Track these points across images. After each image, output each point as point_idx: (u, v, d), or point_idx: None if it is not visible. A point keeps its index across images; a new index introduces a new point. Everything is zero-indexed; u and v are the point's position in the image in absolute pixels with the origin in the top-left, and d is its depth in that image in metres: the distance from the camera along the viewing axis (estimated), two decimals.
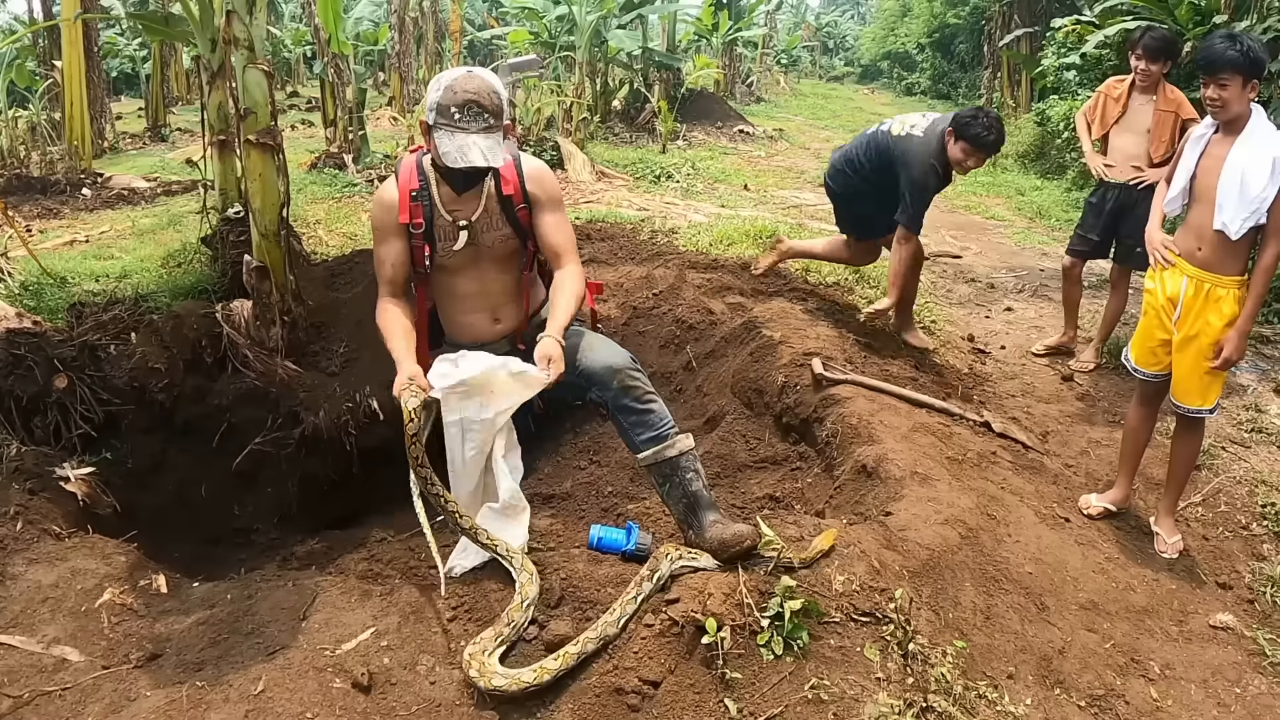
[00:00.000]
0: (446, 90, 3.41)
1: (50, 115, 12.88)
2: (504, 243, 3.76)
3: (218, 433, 5.55)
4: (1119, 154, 6.37)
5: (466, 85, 3.43)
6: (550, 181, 3.83)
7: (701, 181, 12.76)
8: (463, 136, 3.38)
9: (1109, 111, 6.40)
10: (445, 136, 3.39)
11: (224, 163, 6.63)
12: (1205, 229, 4.13)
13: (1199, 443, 4.59)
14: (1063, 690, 3.41)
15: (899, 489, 4.13)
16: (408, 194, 3.64)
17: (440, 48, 23.42)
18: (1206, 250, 4.15)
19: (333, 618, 3.34)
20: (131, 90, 26.01)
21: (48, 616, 3.46)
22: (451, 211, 3.67)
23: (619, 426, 3.58)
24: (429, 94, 3.49)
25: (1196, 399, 4.30)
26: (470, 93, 3.41)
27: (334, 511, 5.51)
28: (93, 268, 7.38)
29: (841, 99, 32.31)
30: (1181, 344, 4.28)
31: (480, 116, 3.41)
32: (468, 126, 3.40)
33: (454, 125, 3.40)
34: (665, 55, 18.54)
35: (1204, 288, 4.17)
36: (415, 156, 3.74)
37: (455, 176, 3.59)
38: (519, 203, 3.72)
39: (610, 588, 3.36)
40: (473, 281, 3.79)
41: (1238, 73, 3.96)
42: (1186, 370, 4.29)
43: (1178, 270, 4.27)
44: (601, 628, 3.09)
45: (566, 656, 3.02)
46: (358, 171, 11.86)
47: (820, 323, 6.07)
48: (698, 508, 3.47)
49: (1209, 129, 4.20)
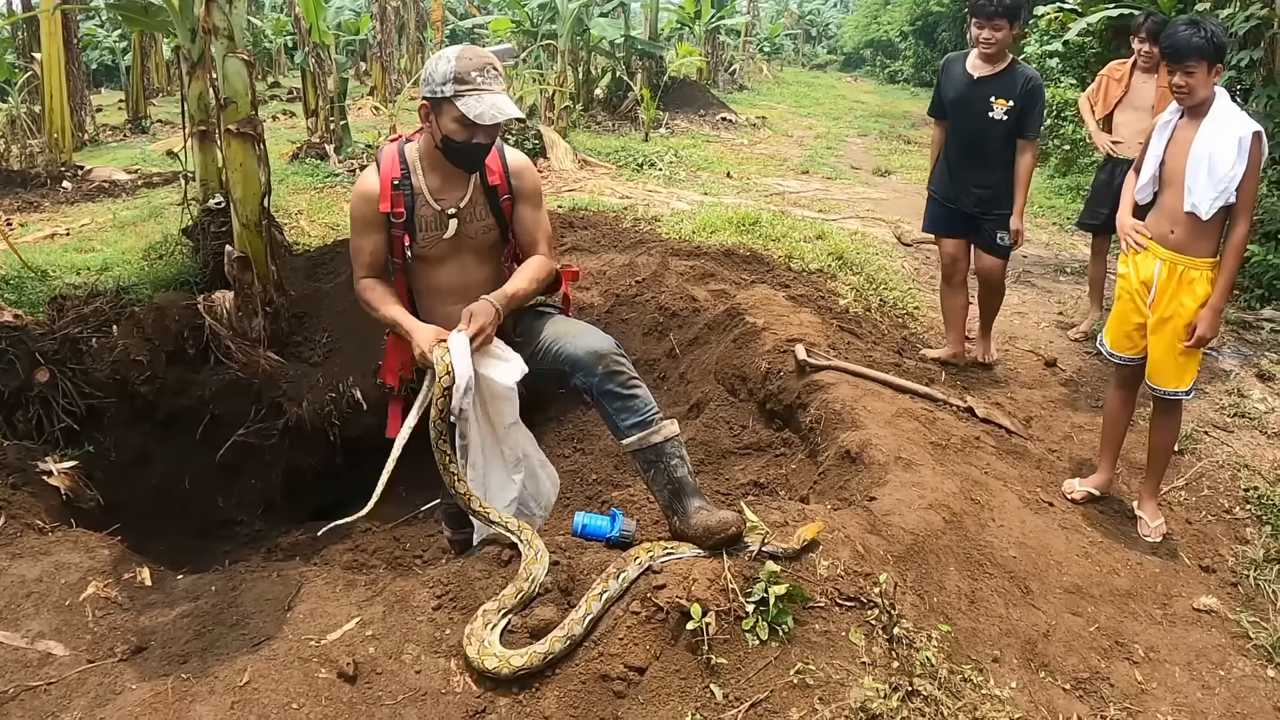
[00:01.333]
0: (460, 60, 3.39)
1: (30, 108, 12.78)
2: (486, 233, 3.73)
3: (201, 425, 5.54)
4: (1125, 130, 6.60)
5: (477, 54, 3.44)
6: (532, 175, 3.82)
7: (684, 169, 12.75)
8: (489, 96, 3.39)
9: (1111, 92, 6.63)
10: (472, 100, 3.37)
11: (205, 153, 6.61)
12: (1176, 212, 4.19)
13: (1177, 426, 4.62)
14: (1048, 673, 3.42)
15: (883, 474, 4.14)
16: (389, 183, 3.59)
17: (422, 37, 23.32)
18: (1179, 233, 4.20)
19: (318, 608, 3.33)
20: (111, 82, 25.83)
21: (31, 611, 3.44)
22: (438, 200, 3.64)
23: (603, 412, 3.56)
24: (437, 70, 3.43)
25: (1173, 381, 4.34)
26: (485, 58, 3.43)
27: (318, 502, 5.50)
28: (74, 261, 7.34)
29: (824, 87, 32.23)
30: (1156, 326, 4.32)
31: (497, 77, 3.44)
32: (491, 86, 3.40)
33: (478, 88, 3.38)
34: (648, 43, 18.49)
35: (1177, 270, 4.22)
36: (396, 145, 3.69)
37: (462, 157, 3.55)
38: (504, 193, 3.71)
39: (595, 574, 3.36)
40: (453, 273, 3.75)
41: (1203, 59, 4.00)
42: (1162, 352, 4.33)
43: (1150, 254, 4.31)
44: (568, 626, 3.08)
45: (554, 641, 3.02)
46: (339, 162, 11.82)
47: (803, 309, 6.08)
48: (682, 494, 3.46)
49: (1174, 115, 4.25)
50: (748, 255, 7.65)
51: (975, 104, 5.61)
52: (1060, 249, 9.71)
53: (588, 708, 2.93)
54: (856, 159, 15.67)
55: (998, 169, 5.69)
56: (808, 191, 12.04)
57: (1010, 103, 5.49)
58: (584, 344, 3.52)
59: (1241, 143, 3.97)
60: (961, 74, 5.71)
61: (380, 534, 4.33)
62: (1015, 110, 5.50)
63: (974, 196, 5.81)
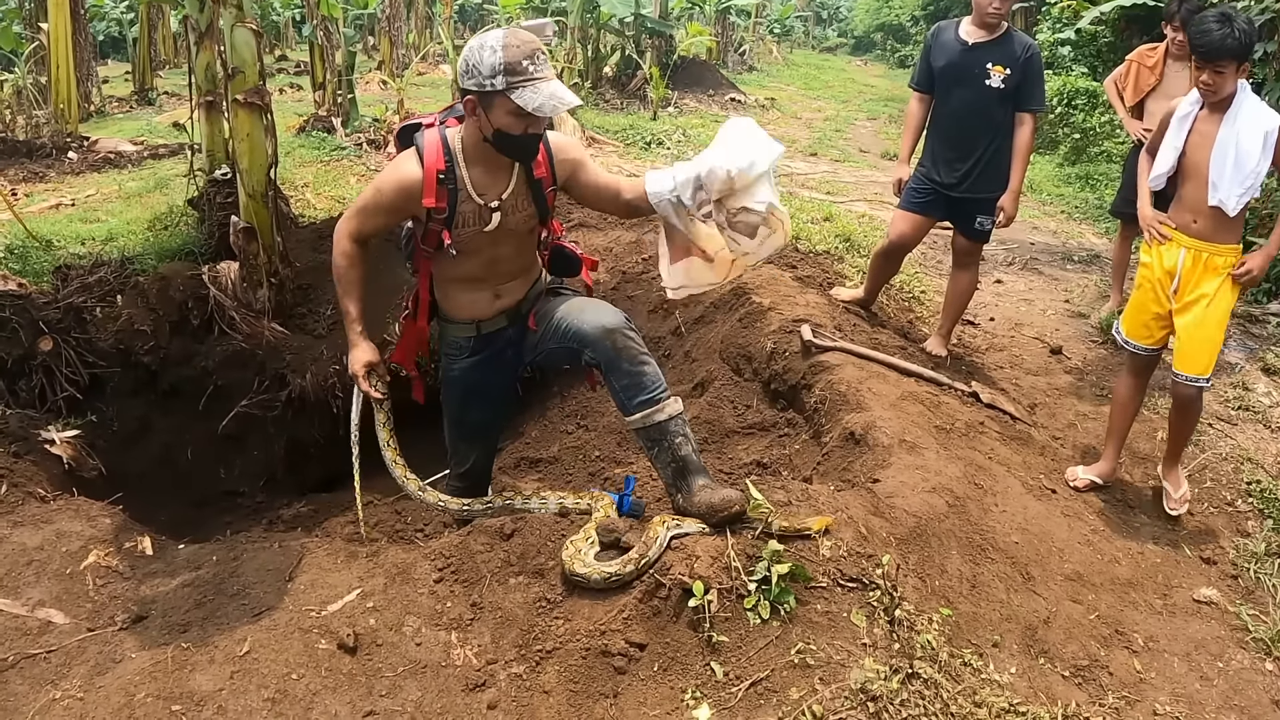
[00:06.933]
0: (507, 49, 3.15)
1: (36, 79, 12.71)
2: (525, 222, 3.61)
3: (204, 395, 5.54)
4: (1158, 119, 6.46)
5: (522, 38, 3.21)
6: (573, 148, 3.67)
7: (692, 149, 12.66)
8: (545, 85, 3.20)
9: (1143, 79, 6.49)
10: (528, 91, 3.17)
11: (211, 124, 6.58)
12: (1200, 203, 4.17)
13: (1198, 414, 4.61)
14: (1047, 660, 3.42)
15: (887, 456, 4.13)
16: (434, 175, 3.39)
17: (430, 11, 23.26)
18: (1202, 223, 4.20)
19: (318, 579, 3.34)
20: (118, 54, 25.71)
21: (33, 579, 3.44)
22: (481, 194, 3.47)
23: (611, 388, 3.53)
24: (483, 61, 3.17)
25: (1197, 365, 4.28)
26: (530, 41, 3.21)
27: (320, 474, 5.50)
28: (78, 231, 7.32)
29: (834, 69, 32.13)
30: (1181, 310, 4.31)
31: (547, 62, 3.24)
32: (545, 74, 3.21)
33: (532, 77, 3.18)
34: (657, 22, 18.39)
35: (1202, 257, 4.22)
36: (437, 132, 3.47)
37: (518, 149, 3.38)
38: (549, 185, 3.58)
39: None
40: (484, 262, 3.62)
41: (1234, 59, 3.98)
42: (1189, 332, 4.30)
43: (1174, 244, 4.30)
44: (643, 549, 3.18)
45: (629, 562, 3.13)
46: (346, 135, 11.77)
47: (809, 290, 6.06)
48: (686, 472, 3.45)
49: (1194, 106, 4.24)
50: None
51: (970, 71, 5.34)
52: (1068, 237, 9.68)
53: (588, 683, 2.93)
54: (865, 142, 15.63)
55: (989, 143, 5.42)
56: (816, 173, 12.01)
57: (1008, 71, 5.25)
58: (594, 319, 3.50)
59: (1268, 137, 3.96)
60: (954, 40, 5.45)
61: (382, 506, 4.34)
62: (1013, 80, 5.27)
63: (959, 174, 5.50)
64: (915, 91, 5.75)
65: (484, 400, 3.88)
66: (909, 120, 5.82)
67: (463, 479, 4.04)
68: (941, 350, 5.86)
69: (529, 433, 5.45)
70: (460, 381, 3.80)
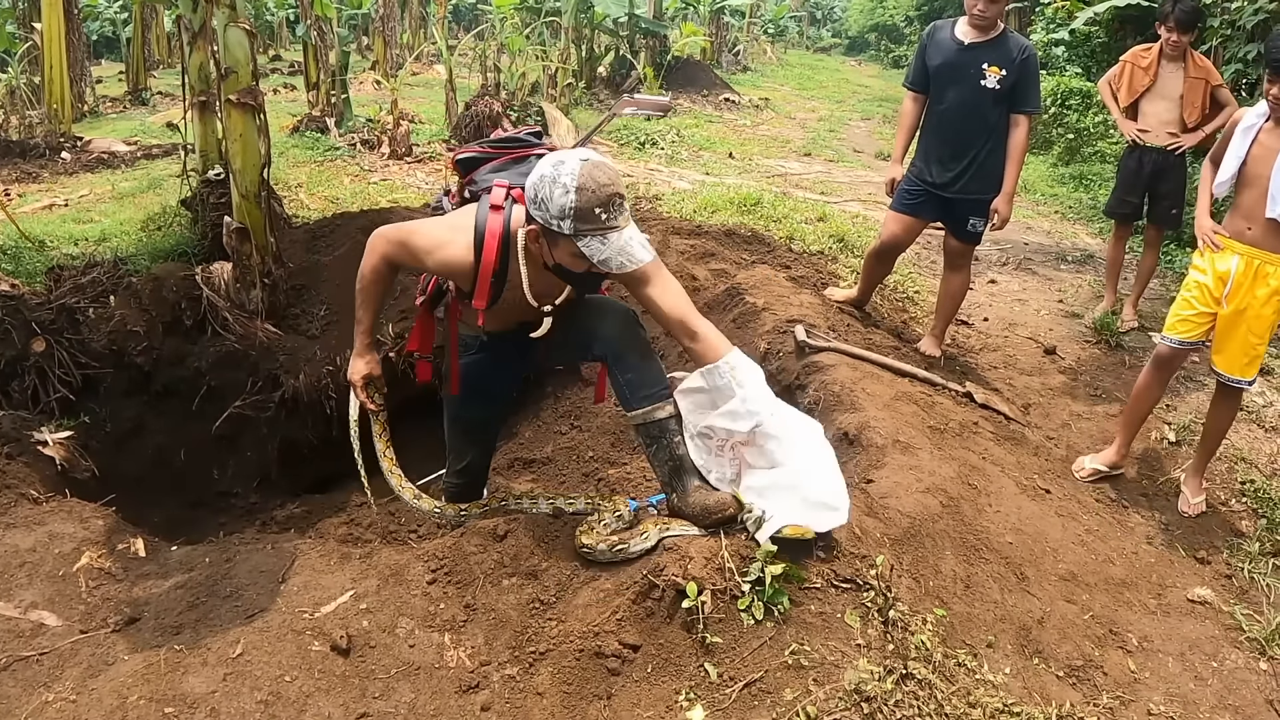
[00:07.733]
0: (581, 193, 2.92)
1: (29, 79, 12.70)
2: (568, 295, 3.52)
3: (197, 396, 5.52)
4: (1153, 119, 6.58)
5: (600, 178, 2.96)
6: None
7: (686, 149, 12.70)
8: (616, 236, 3.00)
9: (1136, 80, 6.56)
10: (596, 242, 2.98)
11: (205, 124, 6.57)
12: (1256, 212, 4.28)
13: (1236, 410, 4.73)
14: (1041, 660, 3.42)
15: (881, 457, 4.12)
16: (488, 277, 3.23)
17: (425, 11, 23.22)
18: (1256, 230, 4.30)
19: (311, 581, 3.33)
20: (112, 54, 25.67)
21: (25, 581, 3.43)
22: (538, 298, 3.35)
23: (614, 382, 3.50)
24: (553, 200, 2.96)
25: (1243, 371, 4.45)
26: (609, 185, 2.97)
27: (314, 475, 5.49)
28: (71, 231, 7.31)
29: (829, 70, 32.12)
30: (1231, 318, 4.40)
31: (624, 207, 3.02)
32: (619, 223, 3.01)
33: (604, 227, 2.98)
34: (652, 22, 18.40)
35: (1254, 264, 4.32)
36: (500, 223, 3.23)
37: (578, 283, 3.29)
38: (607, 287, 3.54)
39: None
40: (521, 309, 3.48)
41: None
42: (1237, 345, 4.42)
43: (1228, 250, 4.40)
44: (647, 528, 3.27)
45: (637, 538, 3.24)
46: (340, 135, 11.77)
47: (803, 290, 6.06)
48: (683, 472, 3.44)
49: (1259, 118, 4.31)
50: (749, 235, 7.62)
51: (965, 71, 5.32)
52: (1062, 237, 9.69)
53: (581, 684, 2.93)
54: (859, 142, 15.63)
55: (983, 144, 5.38)
56: (810, 174, 12.01)
57: (1003, 71, 5.23)
58: (602, 314, 3.50)
59: None
60: (950, 40, 5.42)
61: (376, 508, 4.33)
62: (1008, 81, 5.24)
63: (952, 174, 5.46)
64: (910, 91, 5.73)
65: (485, 396, 3.87)
66: (903, 120, 5.80)
67: (460, 476, 4.04)
68: (935, 350, 5.85)
69: (523, 433, 5.44)
70: (464, 375, 3.79)
